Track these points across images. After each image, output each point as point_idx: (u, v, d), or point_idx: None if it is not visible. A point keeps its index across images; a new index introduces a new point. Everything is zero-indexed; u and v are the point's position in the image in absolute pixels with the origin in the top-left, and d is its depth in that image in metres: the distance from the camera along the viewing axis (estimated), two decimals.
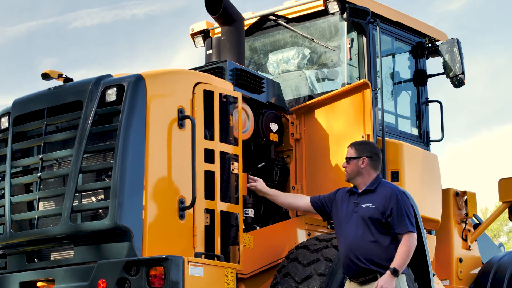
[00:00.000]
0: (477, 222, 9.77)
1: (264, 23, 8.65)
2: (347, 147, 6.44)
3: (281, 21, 8.49)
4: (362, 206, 6.18)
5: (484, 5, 51.37)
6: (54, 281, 6.11)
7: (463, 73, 8.50)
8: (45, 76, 6.52)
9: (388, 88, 8.56)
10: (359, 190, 6.30)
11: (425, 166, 8.31)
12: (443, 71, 8.67)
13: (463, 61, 8.49)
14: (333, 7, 8.03)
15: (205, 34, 8.91)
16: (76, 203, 6.06)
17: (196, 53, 19.17)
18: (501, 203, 9.81)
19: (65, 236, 6.11)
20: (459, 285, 9.25)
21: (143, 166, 6.01)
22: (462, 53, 8.50)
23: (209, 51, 7.98)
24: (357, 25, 8.13)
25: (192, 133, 6.30)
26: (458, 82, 8.57)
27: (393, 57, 8.79)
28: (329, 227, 7.59)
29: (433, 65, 9.06)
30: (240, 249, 6.58)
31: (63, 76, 6.54)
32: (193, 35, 8.97)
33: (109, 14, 48.34)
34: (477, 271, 9.52)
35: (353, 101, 7.51)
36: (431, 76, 9.01)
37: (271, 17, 8.57)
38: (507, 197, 9.66)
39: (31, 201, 6.43)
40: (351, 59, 8.10)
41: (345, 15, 7.99)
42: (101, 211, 6.07)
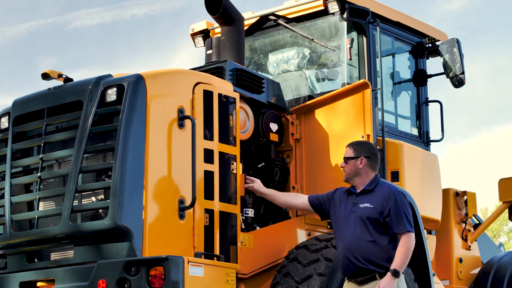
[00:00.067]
0: (477, 222, 9.77)
1: (264, 23, 8.65)
2: (345, 147, 6.45)
3: (281, 21, 8.48)
4: (360, 206, 6.18)
5: (484, 5, 51.40)
6: (54, 281, 6.11)
7: (463, 73, 8.50)
8: (45, 76, 6.52)
9: (388, 88, 8.56)
10: (357, 190, 6.30)
11: (425, 166, 8.31)
12: (443, 71, 8.67)
13: (463, 61, 8.49)
14: (333, 7, 8.03)
15: (205, 34, 8.91)
16: (76, 203, 6.06)
17: (196, 53, 19.18)
18: (501, 203, 9.81)
19: (65, 236, 6.11)
20: (459, 285, 9.25)
21: (143, 166, 6.01)
22: (462, 53, 8.50)
23: (209, 51, 7.98)
24: (357, 25, 8.12)
25: (192, 133, 6.30)
26: (458, 82, 8.57)
27: (393, 57, 8.79)
28: (329, 227, 7.58)
29: (433, 65, 9.07)
30: (238, 249, 6.58)
31: (63, 76, 6.54)
32: (193, 35, 8.97)
33: (109, 14, 48.38)
34: (477, 271, 9.52)
35: (353, 101, 7.50)
36: (431, 76, 9.01)
37: (271, 17, 8.57)
38: (507, 197, 9.66)
39: (31, 201, 6.43)
40: (351, 59, 8.10)
41: (345, 15, 7.99)
42: (101, 211, 6.07)
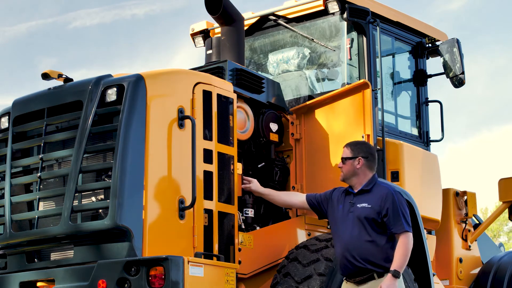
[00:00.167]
0: (477, 222, 9.77)
1: (264, 23, 8.65)
2: (343, 147, 6.44)
3: (281, 21, 8.48)
4: (358, 206, 6.17)
5: (484, 5, 51.38)
6: (54, 281, 6.11)
7: (463, 73, 8.50)
8: (45, 76, 6.51)
9: (388, 88, 8.56)
10: (355, 190, 6.29)
11: (425, 166, 8.31)
12: (443, 71, 8.67)
13: (463, 61, 8.49)
14: (333, 7, 8.03)
15: (205, 34, 8.90)
16: (76, 203, 6.06)
17: (196, 53, 19.16)
18: (501, 203, 9.81)
19: (65, 236, 6.11)
20: (459, 285, 9.25)
21: (143, 166, 6.01)
22: (462, 53, 8.50)
23: (209, 51, 7.98)
24: (357, 25, 8.12)
25: (192, 133, 6.30)
26: (458, 82, 8.57)
27: (393, 57, 8.79)
28: (328, 227, 7.57)
29: (433, 65, 9.07)
30: (235, 250, 6.58)
31: (63, 76, 6.54)
32: (193, 35, 8.97)
33: (109, 14, 48.37)
34: (477, 271, 9.52)
35: (353, 101, 7.49)
36: (431, 76, 9.01)
37: (271, 17, 8.56)
38: (507, 197, 9.66)
39: (31, 201, 6.43)
40: (351, 59, 8.10)
41: (345, 15, 7.99)
42: (101, 211, 6.07)
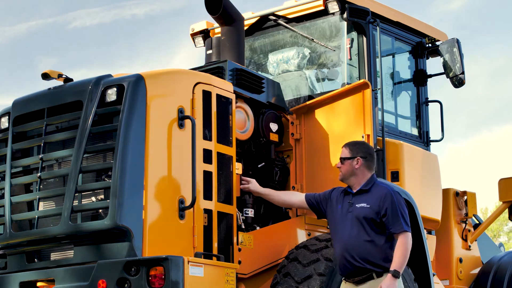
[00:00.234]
0: (477, 222, 9.77)
1: (264, 23, 8.65)
2: (341, 147, 6.44)
3: (281, 21, 8.48)
4: (356, 206, 6.17)
5: (484, 5, 51.40)
6: (54, 281, 6.11)
7: (463, 73, 8.50)
8: (45, 76, 6.51)
9: (388, 88, 8.55)
10: (354, 190, 6.29)
11: (425, 166, 8.31)
12: (443, 71, 8.67)
13: (463, 61, 8.49)
14: (333, 7, 8.02)
15: (205, 34, 8.90)
16: (76, 203, 6.06)
17: (196, 53, 19.18)
18: (501, 203, 9.81)
19: (65, 236, 6.11)
20: (459, 285, 9.25)
21: (143, 166, 6.01)
22: (462, 53, 8.49)
23: (209, 51, 7.98)
24: (357, 25, 8.12)
25: (192, 133, 6.30)
26: (458, 82, 8.57)
27: (393, 57, 8.79)
28: (328, 227, 7.57)
29: (433, 65, 9.07)
30: (234, 250, 6.58)
31: (63, 76, 6.54)
32: (193, 35, 8.96)
33: (109, 14, 48.39)
34: (477, 271, 9.52)
35: (353, 101, 7.49)
36: (431, 76, 9.01)
37: (271, 17, 8.56)
38: (507, 197, 9.66)
39: (31, 201, 6.43)
40: (351, 59, 8.10)
41: (345, 15, 7.99)
42: (101, 211, 6.07)
